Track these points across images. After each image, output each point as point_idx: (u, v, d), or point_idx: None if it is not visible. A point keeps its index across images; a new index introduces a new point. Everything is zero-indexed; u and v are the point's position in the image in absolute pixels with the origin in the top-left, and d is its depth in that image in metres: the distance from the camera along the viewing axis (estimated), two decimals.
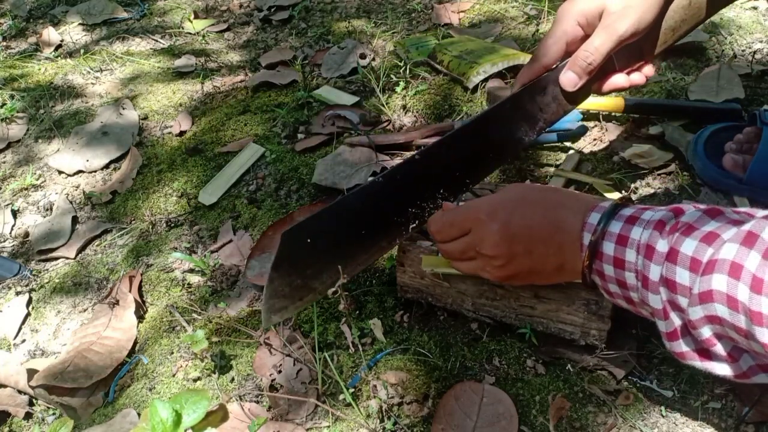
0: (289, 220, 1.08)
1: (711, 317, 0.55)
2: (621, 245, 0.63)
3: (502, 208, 0.71)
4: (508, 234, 0.70)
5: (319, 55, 1.47)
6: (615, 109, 1.14)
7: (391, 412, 0.80)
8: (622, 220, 0.64)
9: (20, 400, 0.93)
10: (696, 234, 0.56)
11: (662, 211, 0.62)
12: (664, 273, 0.58)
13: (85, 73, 1.53)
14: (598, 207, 0.67)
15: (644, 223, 0.62)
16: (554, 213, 0.69)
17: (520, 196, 0.72)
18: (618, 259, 0.63)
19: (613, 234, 0.64)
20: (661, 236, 0.59)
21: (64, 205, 1.21)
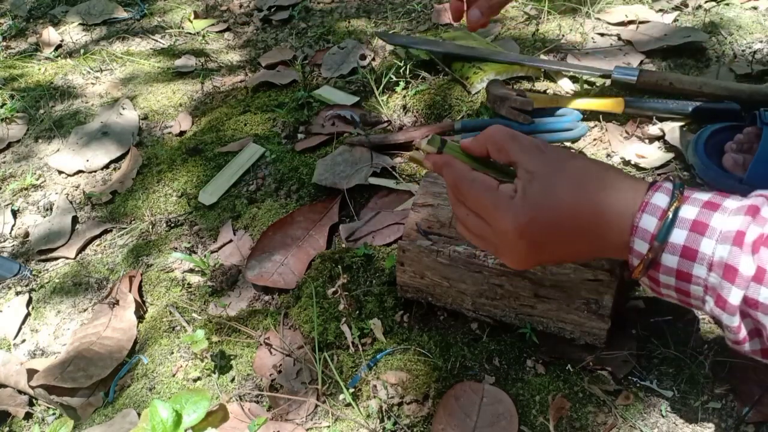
0: (289, 220, 1.08)
1: None
2: (688, 259, 0.54)
3: (537, 226, 0.59)
4: (537, 258, 0.62)
5: (319, 55, 1.47)
6: (615, 109, 1.14)
7: (391, 412, 0.80)
8: (686, 227, 0.54)
9: (20, 400, 0.93)
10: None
11: (738, 214, 0.53)
12: (749, 294, 0.52)
13: (85, 73, 1.53)
14: (650, 206, 0.56)
15: (717, 234, 0.53)
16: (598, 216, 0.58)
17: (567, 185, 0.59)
18: (682, 273, 0.55)
19: (677, 246, 0.54)
20: (743, 252, 0.51)
21: (64, 205, 1.21)
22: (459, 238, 0.84)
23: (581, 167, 0.60)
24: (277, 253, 1.03)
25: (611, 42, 1.35)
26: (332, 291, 0.94)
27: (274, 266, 1.02)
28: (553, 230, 0.59)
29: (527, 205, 0.59)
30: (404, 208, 1.06)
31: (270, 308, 0.97)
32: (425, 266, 0.85)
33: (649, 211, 0.55)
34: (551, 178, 0.59)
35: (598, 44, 1.34)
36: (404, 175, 1.12)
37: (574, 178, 0.59)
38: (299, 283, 0.98)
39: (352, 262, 0.97)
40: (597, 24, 1.39)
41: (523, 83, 1.27)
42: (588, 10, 1.41)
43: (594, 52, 1.32)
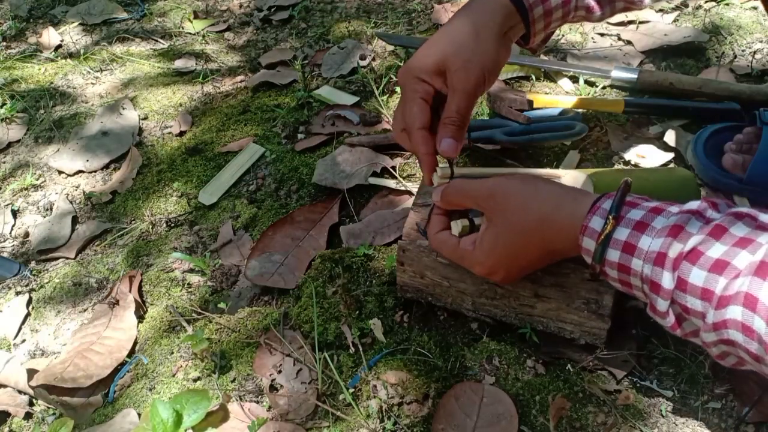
0: (289, 220, 1.08)
1: (725, 340, 0.55)
2: (624, 273, 0.63)
3: (498, 263, 0.72)
4: (512, 277, 0.75)
5: (319, 55, 1.47)
6: (615, 109, 1.14)
7: (391, 412, 0.80)
8: (619, 248, 0.62)
9: (20, 400, 0.93)
10: (703, 262, 0.55)
11: (661, 236, 0.59)
12: (677, 299, 0.58)
13: (85, 74, 1.53)
14: (589, 230, 0.64)
15: (643, 254, 0.60)
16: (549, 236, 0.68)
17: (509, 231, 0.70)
18: (623, 281, 0.64)
19: (614, 263, 0.63)
20: (664, 269, 0.58)
21: (64, 205, 1.21)
22: None
23: (524, 206, 0.69)
24: (277, 253, 1.03)
25: (611, 42, 1.35)
26: (332, 291, 0.94)
27: (274, 266, 1.02)
28: (515, 263, 0.72)
29: (485, 254, 0.72)
30: (404, 208, 1.06)
31: (270, 308, 0.97)
32: (425, 266, 0.85)
33: (588, 234, 0.64)
34: (501, 225, 0.70)
35: (598, 44, 1.34)
36: (404, 175, 1.13)
37: (519, 221, 0.69)
38: (299, 283, 0.98)
39: (352, 262, 0.97)
40: (597, 24, 1.39)
41: (523, 83, 1.27)
42: None
43: (594, 52, 1.32)
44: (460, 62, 0.72)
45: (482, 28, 0.74)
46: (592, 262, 0.64)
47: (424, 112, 0.75)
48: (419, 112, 0.74)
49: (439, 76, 0.74)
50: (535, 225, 0.68)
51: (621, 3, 0.86)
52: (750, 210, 0.57)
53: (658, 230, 0.59)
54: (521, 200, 0.69)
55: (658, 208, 0.62)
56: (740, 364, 0.59)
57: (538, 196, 0.68)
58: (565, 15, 0.81)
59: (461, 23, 0.75)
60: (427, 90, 0.75)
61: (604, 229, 0.62)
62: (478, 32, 0.73)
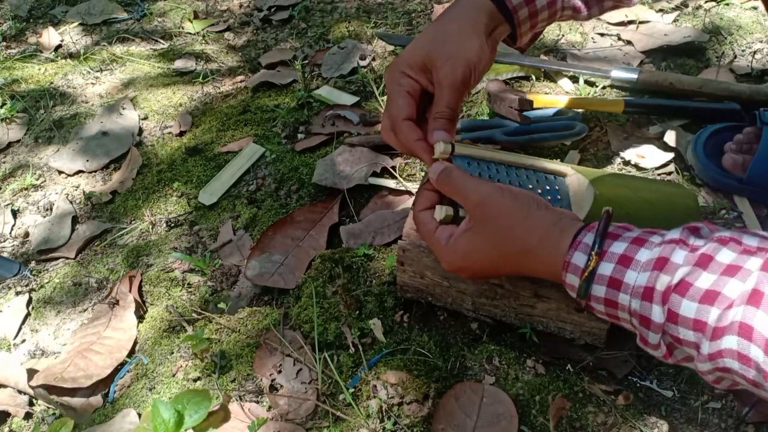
0: (289, 220, 1.08)
1: (721, 368, 0.55)
2: (611, 307, 0.62)
3: (467, 268, 0.71)
4: (475, 278, 0.76)
5: (319, 55, 1.47)
6: (615, 109, 1.14)
7: (391, 412, 0.80)
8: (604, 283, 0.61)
9: (20, 400, 0.93)
10: (693, 294, 0.54)
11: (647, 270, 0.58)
12: (669, 331, 0.57)
13: (85, 74, 1.53)
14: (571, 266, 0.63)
15: (630, 289, 0.59)
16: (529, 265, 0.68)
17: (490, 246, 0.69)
18: (610, 314, 0.63)
19: (600, 298, 0.62)
20: (653, 303, 0.57)
21: (64, 205, 1.21)
22: None
23: (511, 231, 0.67)
24: (277, 253, 1.03)
25: (611, 42, 1.35)
26: (332, 291, 0.94)
27: (274, 266, 1.02)
28: (483, 274, 0.73)
29: (457, 255, 0.71)
30: (404, 208, 1.06)
31: (270, 308, 0.97)
32: (425, 266, 0.85)
33: (571, 271, 0.63)
34: (483, 237, 0.69)
35: (598, 44, 1.34)
36: (404, 175, 1.13)
37: (501, 243, 0.68)
38: (299, 283, 0.98)
39: (352, 262, 0.97)
40: (597, 24, 1.39)
41: (523, 83, 1.27)
42: None
43: (594, 52, 1.32)
44: (444, 58, 0.72)
45: (466, 26, 0.74)
46: (577, 297, 0.63)
47: (410, 105, 0.75)
48: (405, 105, 0.74)
49: (425, 72, 0.74)
50: (517, 253, 0.67)
51: (610, 2, 0.85)
52: (733, 233, 0.57)
53: (643, 263, 0.59)
54: (509, 223, 0.67)
55: (640, 239, 0.61)
56: (735, 385, 0.58)
57: (527, 224, 0.67)
58: (551, 15, 0.81)
59: (445, 22, 0.75)
60: (412, 85, 0.75)
61: (587, 265, 0.61)
62: (461, 30, 0.73)
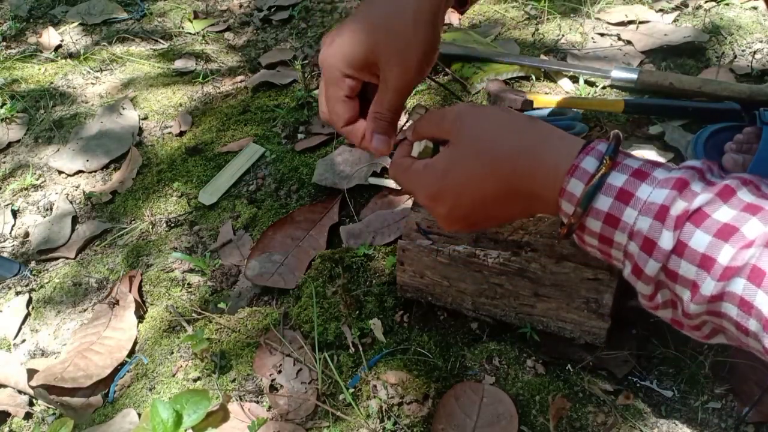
0: (289, 220, 1.08)
1: (714, 312, 0.50)
2: (610, 226, 0.54)
3: (448, 190, 0.61)
4: (457, 216, 0.62)
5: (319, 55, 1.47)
6: (615, 109, 1.14)
7: (391, 412, 0.80)
8: (612, 194, 0.54)
9: (20, 400, 0.93)
10: (708, 225, 0.49)
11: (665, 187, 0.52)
12: (669, 266, 0.52)
13: (85, 74, 1.53)
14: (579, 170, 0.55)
15: (640, 205, 0.52)
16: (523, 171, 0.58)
17: (473, 155, 0.59)
18: (604, 237, 0.55)
19: (601, 213, 0.54)
20: (665, 226, 0.51)
21: (64, 205, 1.21)
22: (459, 238, 0.84)
23: (499, 133, 0.59)
24: (277, 253, 1.03)
25: (611, 42, 1.35)
26: (332, 291, 0.94)
27: (274, 266, 1.02)
28: (466, 196, 0.60)
29: (435, 175, 0.61)
30: (404, 208, 1.06)
31: (270, 308, 0.97)
32: (425, 266, 0.85)
33: (577, 176, 0.55)
34: (464, 146, 0.60)
35: (598, 44, 1.34)
36: None
37: (488, 146, 0.59)
38: (299, 283, 0.98)
39: (352, 262, 0.97)
40: (597, 24, 1.39)
41: (523, 83, 1.27)
42: (588, 10, 1.41)
43: (594, 52, 1.32)
44: (394, 54, 0.63)
45: (417, 10, 0.63)
46: (575, 208, 0.55)
47: (349, 110, 0.68)
48: (344, 111, 0.67)
49: (368, 67, 0.65)
50: (508, 153, 0.58)
51: None
52: (753, 177, 0.52)
53: (661, 180, 0.52)
54: (496, 126, 0.59)
55: (655, 162, 0.55)
56: (713, 335, 0.54)
57: (518, 126, 0.59)
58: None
59: (391, 3, 0.64)
60: (352, 87, 0.66)
61: (598, 170, 0.54)
62: (414, 16, 0.63)
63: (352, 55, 0.64)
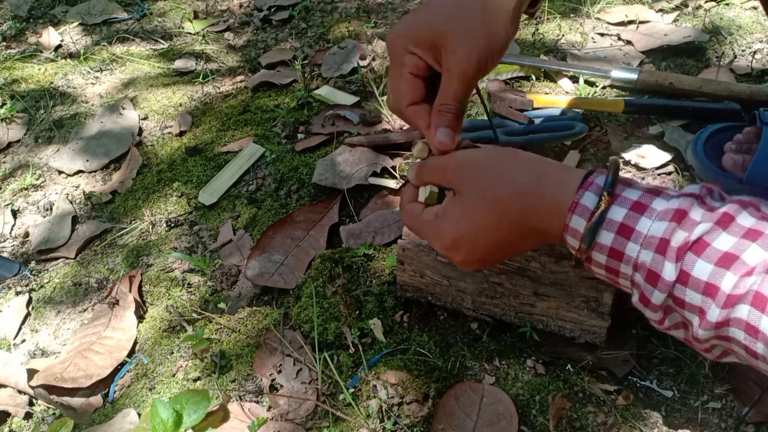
0: (289, 220, 1.08)
1: (722, 337, 0.51)
2: (615, 259, 0.56)
3: (462, 239, 0.62)
4: (474, 259, 0.64)
5: (319, 55, 1.47)
6: (615, 109, 1.14)
7: (391, 412, 0.80)
8: (613, 230, 0.55)
9: (20, 400, 0.93)
10: (709, 254, 0.50)
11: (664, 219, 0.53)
12: (676, 293, 0.53)
13: (84, 74, 1.53)
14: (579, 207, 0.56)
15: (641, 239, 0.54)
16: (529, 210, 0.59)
17: (480, 203, 0.61)
18: (611, 268, 0.57)
19: (605, 247, 0.56)
20: (666, 259, 0.52)
21: (64, 205, 1.21)
22: None
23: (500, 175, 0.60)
24: (277, 253, 1.03)
25: (611, 42, 1.35)
26: (332, 291, 0.94)
27: (274, 266, 1.02)
28: (481, 240, 0.62)
29: (448, 225, 0.62)
30: None
31: (270, 308, 0.97)
32: (425, 265, 0.85)
33: (578, 212, 0.56)
34: (470, 195, 0.61)
35: (598, 44, 1.34)
36: (404, 175, 1.13)
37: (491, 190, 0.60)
38: (299, 283, 0.98)
39: (352, 262, 0.97)
40: (597, 24, 1.39)
41: (523, 83, 1.27)
42: (588, 10, 1.41)
43: (594, 52, 1.32)
44: (462, 40, 0.60)
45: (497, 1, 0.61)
46: (579, 244, 0.56)
47: (414, 88, 0.65)
48: (408, 90, 0.65)
49: (433, 51, 0.62)
50: (512, 196, 0.59)
51: None
52: (751, 199, 0.53)
53: (659, 212, 0.53)
54: (495, 169, 0.61)
55: (655, 189, 0.55)
56: (725, 355, 0.55)
57: (517, 165, 0.60)
58: None
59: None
60: (417, 64, 0.64)
61: (597, 206, 0.55)
62: (487, 4, 0.61)
63: (419, 33, 0.63)
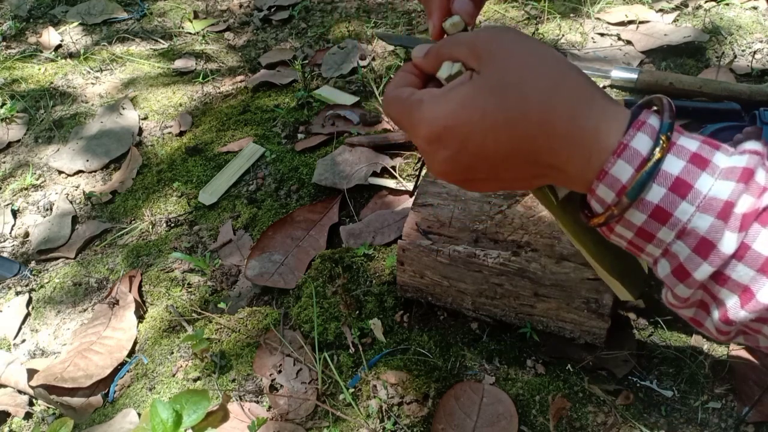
0: (289, 220, 1.08)
1: (763, 318, 0.44)
2: (656, 221, 0.45)
3: (457, 129, 0.48)
4: (456, 166, 0.50)
5: (319, 55, 1.47)
6: None
7: (391, 412, 0.80)
8: (667, 185, 0.44)
9: (20, 400, 0.93)
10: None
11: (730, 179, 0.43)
12: (724, 270, 0.44)
13: (85, 74, 1.53)
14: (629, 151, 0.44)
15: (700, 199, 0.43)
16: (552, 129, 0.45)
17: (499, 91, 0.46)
18: (645, 232, 0.46)
19: (650, 205, 0.44)
20: (728, 227, 0.43)
21: (64, 205, 1.21)
22: (459, 238, 0.84)
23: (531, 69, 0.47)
24: (277, 253, 1.03)
25: (611, 42, 1.35)
26: (332, 291, 0.94)
27: (274, 266, 1.02)
28: (474, 141, 0.48)
29: (441, 108, 0.48)
30: (404, 208, 1.06)
31: (270, 308, 0.97)
32: (425, 266, 0.85)
33: (625, 157, 0.44)
34: (491, 78, 0.47)
35: (598, 44, 1.34)
36: (404, 175, 1.13)
37: (520, 82, 0.46)
38: (299, 283, 0.98)
39: (352, 262, 0.97)
40: (597, 24, 1.39)
41: None
42: (588, 10, 1.41)
43: (594, 52, 1.32)
44: None
45: None
46: (619, 198, 0.44)
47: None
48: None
49: None
50: (539, 100, 0.46)
51: None
52: None
53: (724, 170, 0.43)
54: (538, 62, 0.47)
55: (711, 141, 0.45)
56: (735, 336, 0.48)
57: (562, 69, 0.47)
58: None
59: None
60: None
61: (652, 154, 0.43)
62: None
63: None
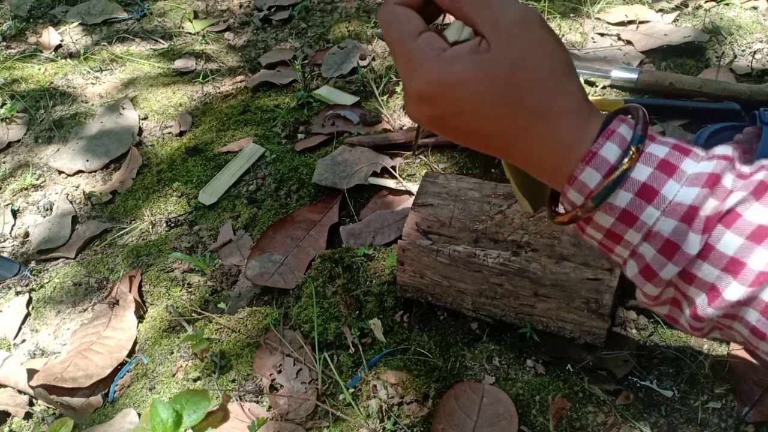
0: (289, 220, 1.08)
1: (731, 316, 0.46)
2: (624, 224, 0.46)
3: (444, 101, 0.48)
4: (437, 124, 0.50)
5: (319, 55, 1.47)
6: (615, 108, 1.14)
7: (391, 412, 0.80)
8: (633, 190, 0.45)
9: (20, 400, 0.93)
10: (740, 227, 0.43)
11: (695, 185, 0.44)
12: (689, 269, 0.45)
13: (85, 74, 1.53)
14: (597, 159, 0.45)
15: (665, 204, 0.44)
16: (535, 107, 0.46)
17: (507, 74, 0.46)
18: (613, 233, 0.47)
19: (617, 209, 0.46)
20: (692, 229, 0.44)
21: (64, 205, 1.21)
22: (459, 238, 0.84)
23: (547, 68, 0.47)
24: (277, 253, 1.03)
25: (611, 42, 1.35)
26: (332, 291, 0.94)
27: (274, 266, 1.02)
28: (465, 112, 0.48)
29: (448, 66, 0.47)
30: (404, 208, 1.06)
31: (270, 308, 0.97)
32: (425, 266, 0.85)
33: (594, 165, 0.45)
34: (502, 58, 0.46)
35: (598, 44, 1.34)
36: (404, 175, 1.13)
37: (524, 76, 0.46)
38: (299, 283, 0.98)
39: (352, 262, 0.97)
40: (597, 24, 1.39)
41: None
42: (588, 10, 1.41)
43: (594, 52, 1.32)
44: None
45: None
46: (585, 201, 0.46)
47: None
48: None
49: None
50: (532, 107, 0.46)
51: None
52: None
53: (690, 177, 0.44)
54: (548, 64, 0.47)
55: (682, 147, 0.46)
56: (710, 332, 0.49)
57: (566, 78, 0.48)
58: None
59: None
60: None
61: (621, 163, 0.44)
62: None
63: None
